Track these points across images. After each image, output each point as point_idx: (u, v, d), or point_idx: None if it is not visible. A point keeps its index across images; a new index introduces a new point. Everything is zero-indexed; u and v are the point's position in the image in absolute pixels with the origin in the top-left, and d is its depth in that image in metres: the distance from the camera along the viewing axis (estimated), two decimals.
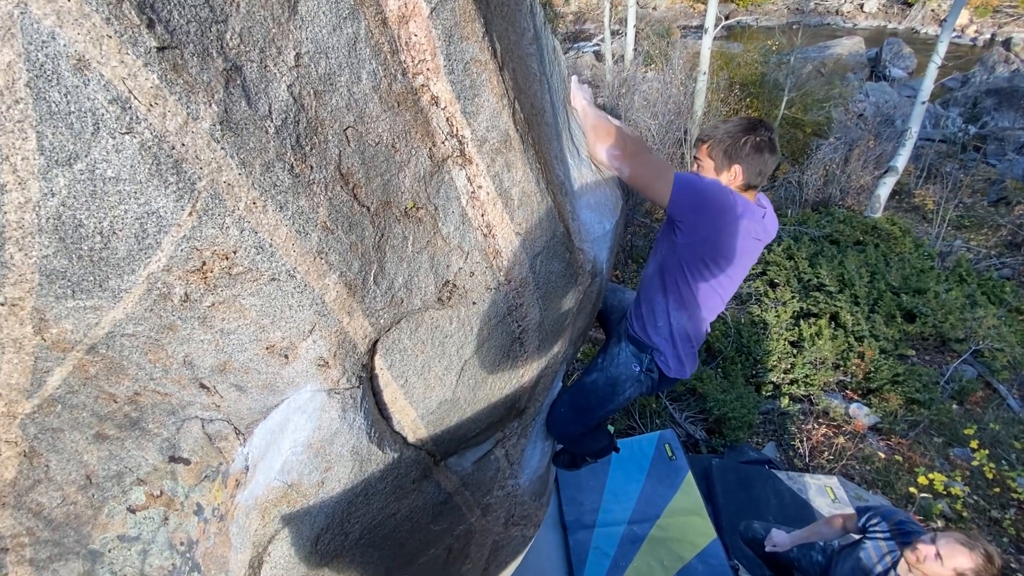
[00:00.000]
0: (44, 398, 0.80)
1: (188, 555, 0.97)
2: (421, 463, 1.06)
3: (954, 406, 4.63)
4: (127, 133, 0.56)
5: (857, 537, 2.04)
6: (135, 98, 0.56)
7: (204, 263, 0.67)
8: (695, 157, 1.51)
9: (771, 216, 1.57)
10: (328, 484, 0.89)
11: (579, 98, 1.53)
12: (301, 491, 0.87)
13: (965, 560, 1.58)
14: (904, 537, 1.84)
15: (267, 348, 0.77)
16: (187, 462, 0.95)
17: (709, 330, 1.70)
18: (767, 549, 2.30)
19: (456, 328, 1.01)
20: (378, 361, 0.90)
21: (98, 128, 0.55)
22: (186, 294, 0.69)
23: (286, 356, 0.79)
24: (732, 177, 1.44)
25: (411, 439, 1.03)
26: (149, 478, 0.96)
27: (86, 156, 0.56)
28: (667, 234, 1.57)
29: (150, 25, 0.55)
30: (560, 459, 2.00)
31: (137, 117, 0.56)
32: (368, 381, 0.89)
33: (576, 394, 1.66)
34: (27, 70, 0.52)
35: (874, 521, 1.97)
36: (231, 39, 0.62)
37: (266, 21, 0.65)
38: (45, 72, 0.52)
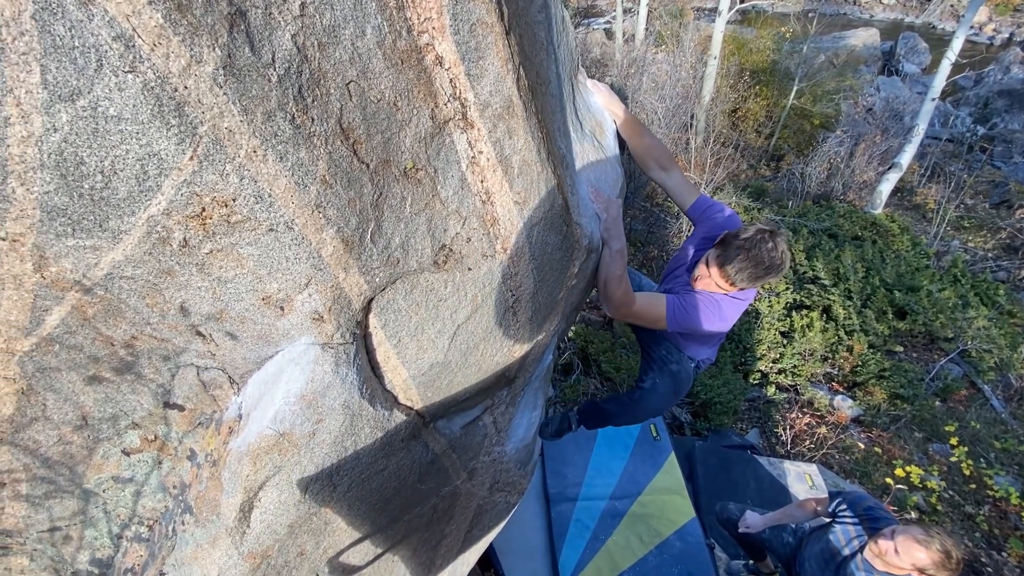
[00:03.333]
0: (42, 337, 0.81)
1: (181, 498, 1.00)
2: (411, 423, 1.09)
3: (937, 403, 4.71)
4: (130, 72, 0.57)
5: (827, 520, 2.10)
6: (139, 36, 0.56)
7: (203, 209, 0.67)
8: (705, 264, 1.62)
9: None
10: (319, 436, 0.92)
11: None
12: (292, 441, 0.89)
13: (922, 555, 1.64)
14: (872, 523, 1.91)
15: (263, 299, 0.79)
16: (181, 408, 0.97)
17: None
18: (740, 530, 2.37)
19: (451, 292, 1.02)
20: (372, 320, 0.91)
21: (101, 65, 0.55)
22: (185, 239, 0.70)
23: (282, 308, 0.80)
24: (722, 283, 1.56)
25: (402, 399, 1.06)
26: (144, 422, 0.99)
27: (89, 92, 0.56)
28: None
29: None
30: (545, 431, 2.04)
31: (140, 56, 0.56)
32: (362, 339, 0.91)
33: (635, 399, 1.87)
34: (33, 1, 0.52)
35: (843, 507, 2.03)
36: None
37: None
38: (51, 4, 0.52)
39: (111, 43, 0.55)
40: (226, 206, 0.68)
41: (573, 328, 4.23)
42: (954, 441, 4.09)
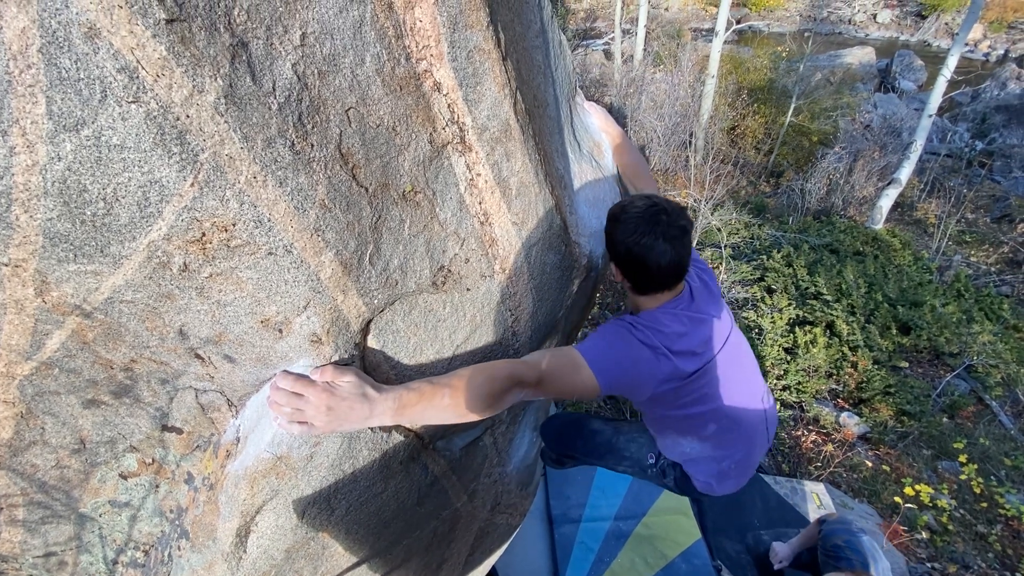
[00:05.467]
0: (42, 361, 0.82)
1: (177, 522, 0.99)
2: (409, 444, 1.08)
3: (944, 419, 4.65)
4: (134, 102, 0.58)
5: None
6: (143, 68, 0.57)
7: (204, 234, 0.68)
8: None
9: (701, 292, 1.29)
10: (317, 459, 0.91)
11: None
12: (290, 464, 0.89)
13: None
14: (835, 562, 1.85)
15: (262, 322, 0.79)
16: (179, 431, 0.97)
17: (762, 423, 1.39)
18: (776, 567, 2.30)
19: (449, 313, 1.02)
20: (371, 341, 0.91)
21: (106, 96, 0.57)
22: (185, 264, 0.70)
23: (280, 331, 0.81)
24: (619, 276, 1.25)
25: None
26: (141, 446, 0.98)
27: (93, 122, 0.58)
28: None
29: None
30: (547, 455, 2.02)
31: (144, 87, 0.58)
32: (360, 360, 0.91)
33: (575, 427, 1.63)
34: (40, 36, 0.53)
35: (821, 536, 1.99)
36: (239, 15, 0.63)
37: (274, 1, 0.66)
38: (57, 39, 0.54)
39: (115, 75, 0.56)
40: (226, 231, 0.69)
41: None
42: (963, 458, 4.03)
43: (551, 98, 1.37)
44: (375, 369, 0.95)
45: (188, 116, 0.61)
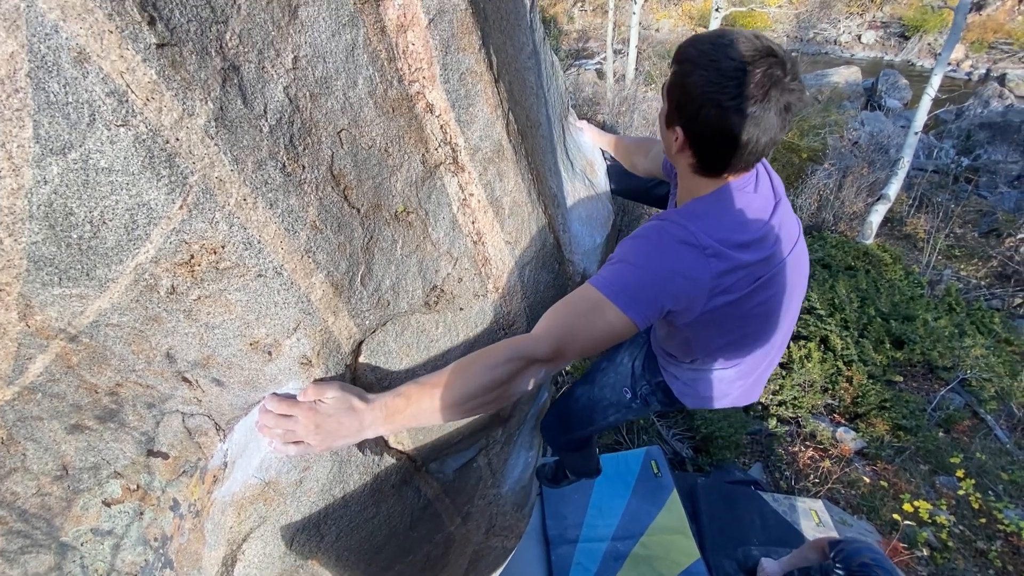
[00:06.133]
0: (25, 385, 0.80)
1: (161, 551, 0.96)
2: (402, 467, 1.06)
3: (940, 434, 4.64)
4: (122, 125, 0.58)
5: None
6: (132, 92, 0.57)
7: (192, 256, 0.67)
8: None
9: (765, 174, 1.00)
10: (306, 484, 0.89)
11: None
12: (278, 489, 0.87)
13: None
14: None
15: (251, 344, 0.78)
16: (165, 456, 0.95)
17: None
18: None
19: (442, 333, 1.01)
20: (362, 362, 0.90)
21: (94, 119, 0.56)
22: (173, 286, 0.70)
23: (269, 353, 0.79)
24: (679, 146, 0.91)
25: (392, 442, 1.03)
26: (126, 471, 0.96)
27: (81, 146, 0.57)
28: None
29: (151, 22, 0.56)
30: (543, 474, 2.00)
31: (133, 110, 0.58)
32: (352, 382, 0.90)
33: (561, 404, 1.64)
34: (29, 61, 0.53)
35: (840, 557, 1.93)
36: (230, 39, 0.64)
37: (266, 24, 0.67)
38: (46, 63, 0.54)
39: (104, 99, 0.56)
40: (215, 253, 0.68)
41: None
42: (960, 473, 4.01)
43: (543, 118, 1.39)
44: (367, 390, 0.94)
45: (178, 139, 0.61)
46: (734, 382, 1.18)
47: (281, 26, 0.69)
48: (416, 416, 0.84)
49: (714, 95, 0.81)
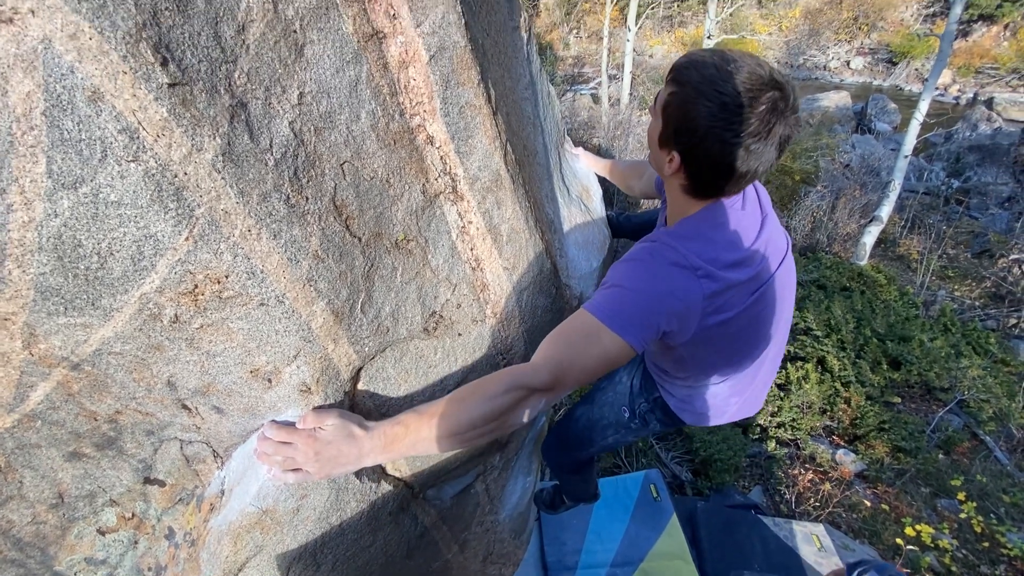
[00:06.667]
0: (25, 413, 0.80)
1: None
2: (399, 495, 1.06)
3: (940, 456, 4.62)
4: (133, 161, 0.59)
5: None
6: (143, 129, 0.59)
7: (196, 286, 0.69)
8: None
9: (752, 190, 1.01)
10: (303, 512, 0.89)
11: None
12: (275, 518, 0.87)
13: None
14: None
15: (251, 372, 0.79)
16: (162, 484, 0.94)
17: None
18: None
19: (440, 359, 1.02)
20: (360, 389, 0.91)
21: (106, 155, 0.58)
22: (176, 315, 0.71)
23: (269, 380, 0.80)
24: (672, 169, 0.91)
25: (389, 469, 1.03)
26: (122, 499, 0.95)
27: (92, 180, 0.59)
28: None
29: (164, 63, 0.59)
30: (540, 499, 1.98)
31: (144, 146, 0.59)
32: (350, 408, 0.90)
33: (562, 425, 1.63)
34: (44, 100, 0.55)
35: None
36: (239, 78, 0.66)
37: (273, 63, 0.69)
38: (61, 102, 0.56)
39: (116, 135, 0.58)
40: (219, 283, 0.69)
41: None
42: (962, 496, 3.98)
43: (540, 146, 1.42)
44: (365, 416, 0.94)
45: (186, 173, 0.63)
46: (729, 398, 1.19)
47: (288, 64, 0.71)
48: (414, 445, 0.84)
49: (719, 130, 0.81)
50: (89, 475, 0.92)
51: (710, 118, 0.81)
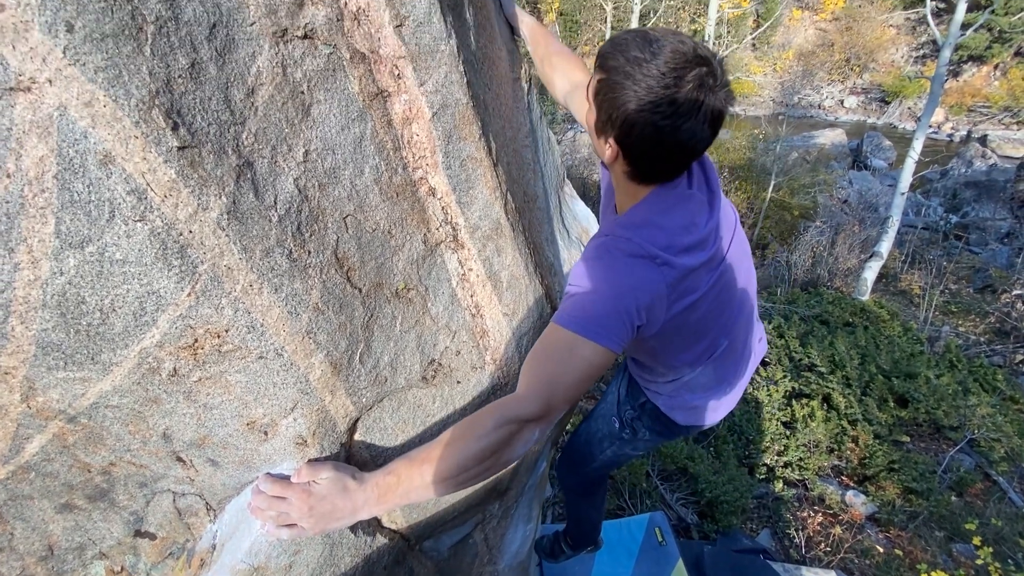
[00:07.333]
0: (19, 465, 0.79)
1: None
2: (394, 547, 1.03)
3: (953, 498, 4.49)
4: (139, 220, 0.61)
5: None
6: (152, 190, 0.61)
7: (196, 340, 0.69)
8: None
9: (698, 167, 0.99)
10: (296, 568, 0.86)
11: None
12: (268, 575, 0.84)
13: None
14: None
15: (248, 424, 0.78)
16: (153, 537, 0.92)
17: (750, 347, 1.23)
18: None
19: (439, 408, 1.01)
20: (357, 440, 0.90)
21: (113, 215, 0.60)
22: (175, 369, 0.71)
23: (266, 433, 0.79)
24: (612, 156, 0.90)
25: (385, 521, 1.01)
26: (112, 552, 0.93)
27: (98, 240, 0.60)
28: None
29: (174, 128, 0.61)
30: (541, 547, 1.93)
31: (151, 206, 0.61)
32: (347, 461, 0.89)
33: (568, 443, 1.65)
34: (57, 163, 0.57)
35: None
36: (246, 138, 0.68)
37: (280, 123, 0.72)
38: (73, 165, 0.57)
39: (125, 196, 0.60)
40: (218, 337, 0.70)
41: (569, 426, 4.12)
42: (977, 541, 3.85)
43: (540, 191, 1.45)
44: (361, 468, 0.93)
45: (191, 231, 0.64)
46: (717, 384, 1.18)
47: (294, 123, 0.74)
48: (408, 494, 0.81)
49: (648, 113, 0.79)
50: (80, 527, 0.90)
51: (638, 101, 0.79)
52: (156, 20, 0.59)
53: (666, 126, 0.80)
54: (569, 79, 1.26)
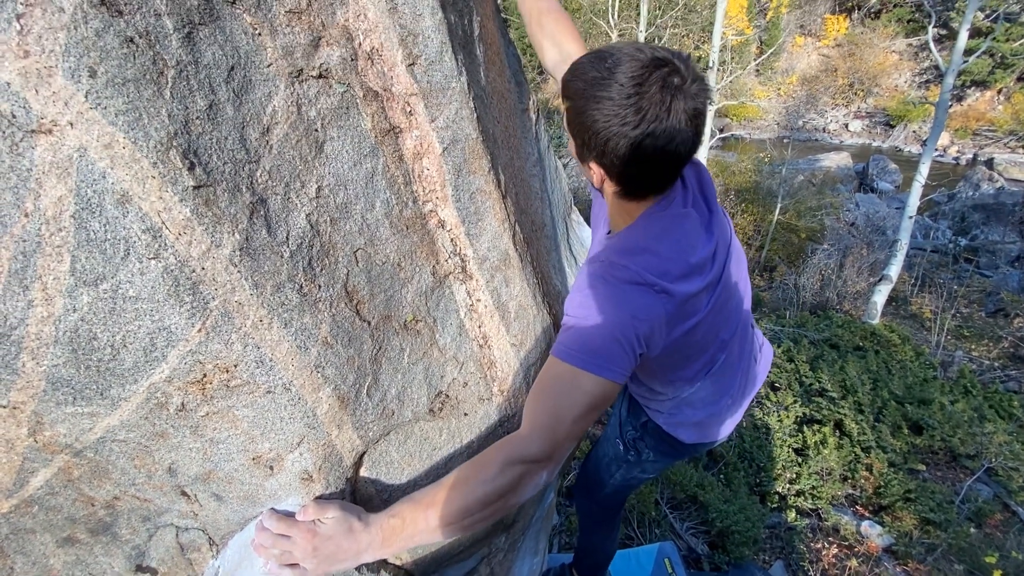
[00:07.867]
0: (23, 498, 0.79)
1: None
2: None
3: (972, 529, 4.35)
4: (154, 258, 0.61)
5: None
6: (166, 228, 0.61)
7: (205, 375, 0.69)
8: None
9: (691, 174, 0.98)
10: None
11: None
12: None
13: None
14: None
15: (253, 459, 0.77)
16: (154, 572, 0.91)
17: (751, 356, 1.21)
18: None
19: (446, 440, 1.00)
20: (363, 474, 0.89)
21: (128, 254, 0.60)
22: (183, 404, 0.70)
23: (271, 468, 0.79)
24: (599, 179, 0.90)
25: (390, 558, 0.99)
26: None
27: (113, 277, 0.61)
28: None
29: (191, 168, 0.62)
30: None
31: (165, 244, 0.62)
32: (352, 495, 0.88)
33: (582, 467, 1.64)
34: (75, 203, 0.58)
35: None
36: (260, 176, 0.69)
37: (294, 160, 0.73)
38: (91, 205, 0.58)
39: (140, 235, 0.60)
40: (227, 372, 0.70)
41: (577, 453, 4.05)
42: (998, 574, 3.71)
43: (548, 219, 1.45)
44: (366, 503, 0.91)
45: (203, 268, 0.64)
46: (716, 400, 1.15)
47: (308, 160, 0.75)
48: (412, 537, 0.80)
49: (616, 127, 0.78)
50: (81, 561, 0.89)
51: (605, 120, 0.79)
52: (177, 64, 0.60)
53: (638, 136, 0.78)
54: (559, 48, 1.19)
